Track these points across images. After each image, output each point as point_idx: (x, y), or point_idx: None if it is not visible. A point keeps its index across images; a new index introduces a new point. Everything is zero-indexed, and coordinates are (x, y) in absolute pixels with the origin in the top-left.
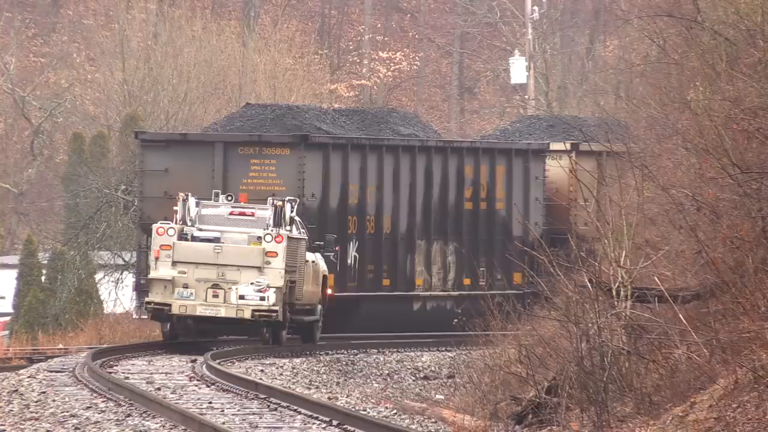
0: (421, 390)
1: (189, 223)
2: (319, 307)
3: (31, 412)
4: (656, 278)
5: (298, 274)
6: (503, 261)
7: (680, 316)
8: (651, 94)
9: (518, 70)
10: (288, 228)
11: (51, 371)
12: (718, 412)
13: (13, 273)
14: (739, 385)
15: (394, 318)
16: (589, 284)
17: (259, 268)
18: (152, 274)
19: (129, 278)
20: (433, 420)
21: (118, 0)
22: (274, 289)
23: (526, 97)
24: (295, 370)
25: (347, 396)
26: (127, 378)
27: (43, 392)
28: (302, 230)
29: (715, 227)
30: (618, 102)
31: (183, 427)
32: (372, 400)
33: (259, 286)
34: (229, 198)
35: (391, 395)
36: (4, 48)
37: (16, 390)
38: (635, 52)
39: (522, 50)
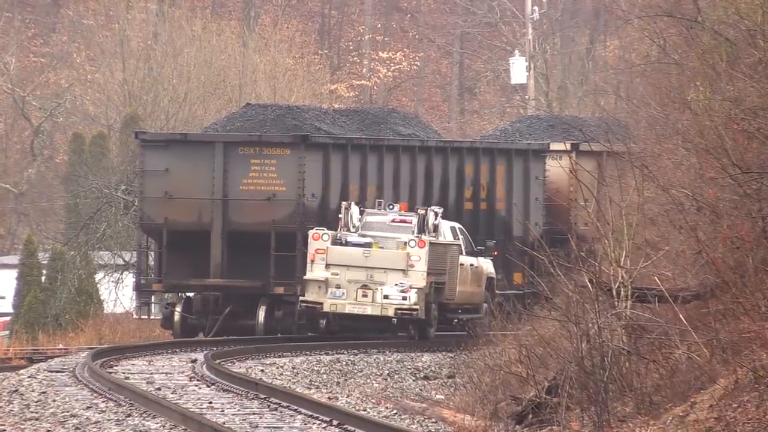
0: (421, 390)
1: (352, 230)
2: (485, 305)
3: (32, 412)
4: (656, 278)
5: (448, 276)
6: (503, 261)
7: (680, 316)
8: (651, 94)
9: (518, 70)
10: (433, 234)
11: (51, 371)
12: (719, 412)
13: (14, 273)
14: (739, 385)
15: None
16: (589, 284)
17: (404, 271)
18: (308, 276)
19: (129, 278)
20: (433, 420)
21: (118, 0)
22: (416, 290)
23: (527, 97)
24: (295, 370)
25: (347, 396)
26: (127, 378)
27: (44, 392)
28: (460, 236)
29: (715, 227)
30: (618, 102)
31: (183, 427)
32: (372, 400)
33: (402, 286)
34: (391, 206)
35: (391, 395)
36: (4, 48)
37: (17, 390)
38: (635, 52)
39: (522, 50)
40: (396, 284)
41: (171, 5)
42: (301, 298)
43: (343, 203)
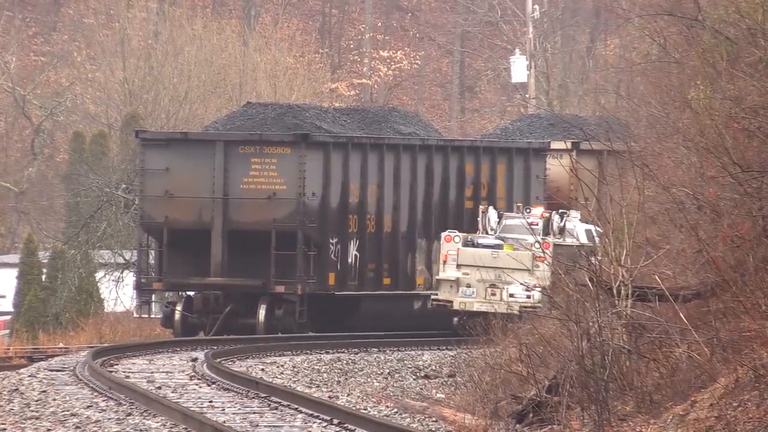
0: (421, 389)
1: (490, 232)
2: None
3: (32, 411)
4: (657, 277)
5: None
6: None
7: (681, 314)
8: (652, 92)
9: (519, 68)
10: (558, 236)
11: (51, 370)
12: (719, 410)
13: (14, 272)
14: (739, 383)
15: (395, 317)
16: (589, 283)
17: (529, 271)
18: (440, 276)
19: (129, 277)
20: (433, 419)
21: None
22: (540, 289)
23: (527, 95)
24: (295, 369)
25: (348, 395)
26: (127, 377)
27: (44, 391)
28: (596, 238)
29: (715, 226)
30: (619, 101)
31: (184, 426)
32: (373, 399)
33: (526, 285)
34: (528, 210)
35: (391, 394)
36: (4, 47)
37: (17, 389)
38: (636, 51)
39: (523, 49)
40: (521, 283)
41: (171, 4)
42: (432, 296)
43: (481, 207)
